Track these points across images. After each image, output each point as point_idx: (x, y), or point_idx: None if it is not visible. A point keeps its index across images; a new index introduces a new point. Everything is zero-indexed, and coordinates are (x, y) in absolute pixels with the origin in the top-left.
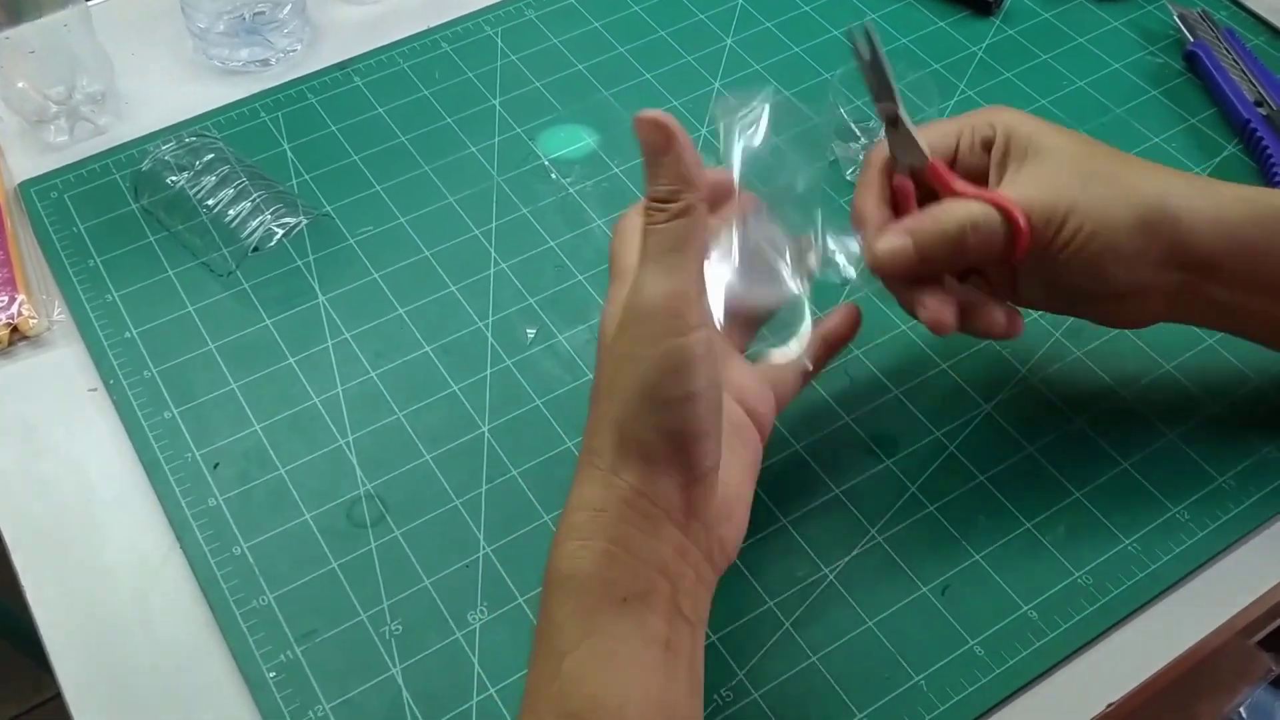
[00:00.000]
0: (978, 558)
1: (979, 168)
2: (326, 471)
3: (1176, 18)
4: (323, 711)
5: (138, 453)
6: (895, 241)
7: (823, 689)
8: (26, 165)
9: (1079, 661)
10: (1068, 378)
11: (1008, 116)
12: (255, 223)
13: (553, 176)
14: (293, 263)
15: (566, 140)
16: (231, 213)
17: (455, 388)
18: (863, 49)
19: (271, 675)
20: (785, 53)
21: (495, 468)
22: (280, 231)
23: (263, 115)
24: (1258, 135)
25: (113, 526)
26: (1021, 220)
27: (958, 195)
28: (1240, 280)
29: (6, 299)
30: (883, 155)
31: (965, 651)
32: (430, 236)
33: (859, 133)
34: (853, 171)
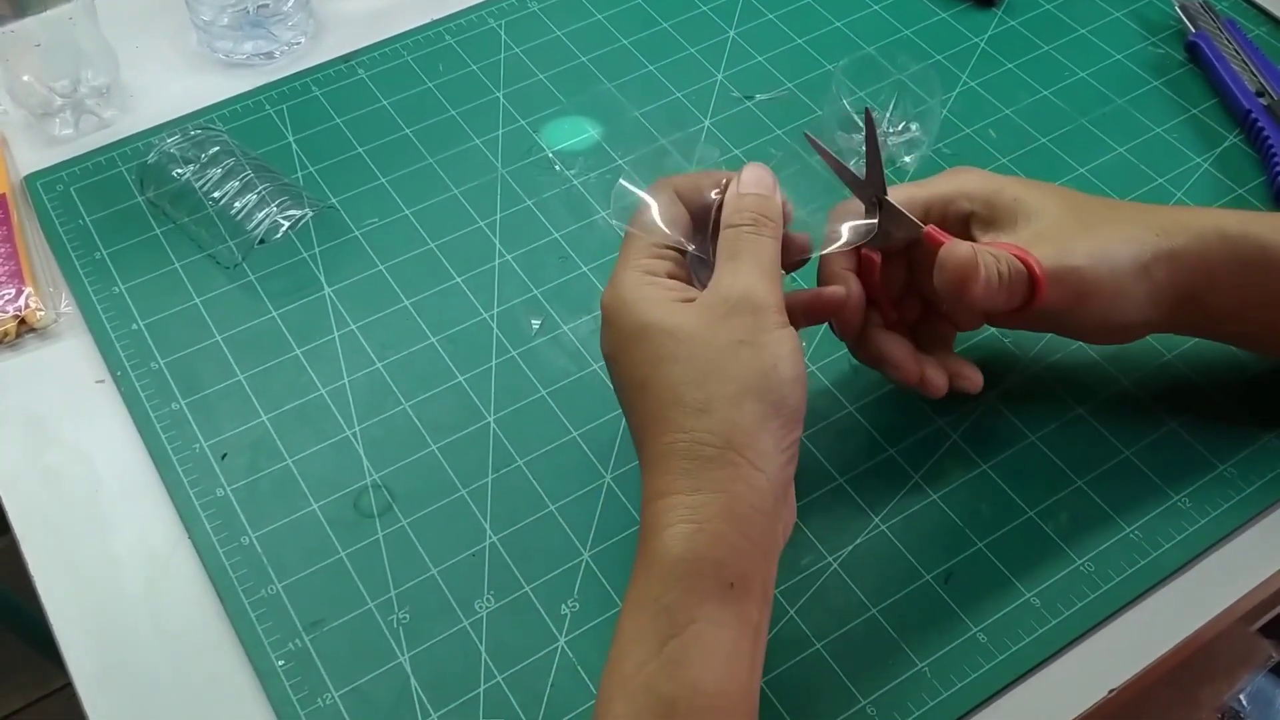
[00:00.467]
0: (980, 545)
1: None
2: (333, 462)
3: (1178, 8)
4: (331, 699)
5: (146, 444)
6: (970, 254)
7: (827, 676)
8: (32, 158)
9: (1081, 648)
10: (1070, 367)
11: (976, 182)
12: (261, 215)
13: (557, 168)
14: (299, 255)
15: (570, 132)
16: (237, 205)
17: (461, 378)
18: (833, 141)
19: (280, 664)
20: (788, 44)
21: (501, 457)
22: (286, 224)
23: (267, 108)
24: (1259, 125)
25: (121, 517)
26: (1039, 270)
27: None
28: (1226, 308)
29: (13, 292)
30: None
31: (968, 638)
32: (435, 228)
33: (861, 123)
34: (855, 162)
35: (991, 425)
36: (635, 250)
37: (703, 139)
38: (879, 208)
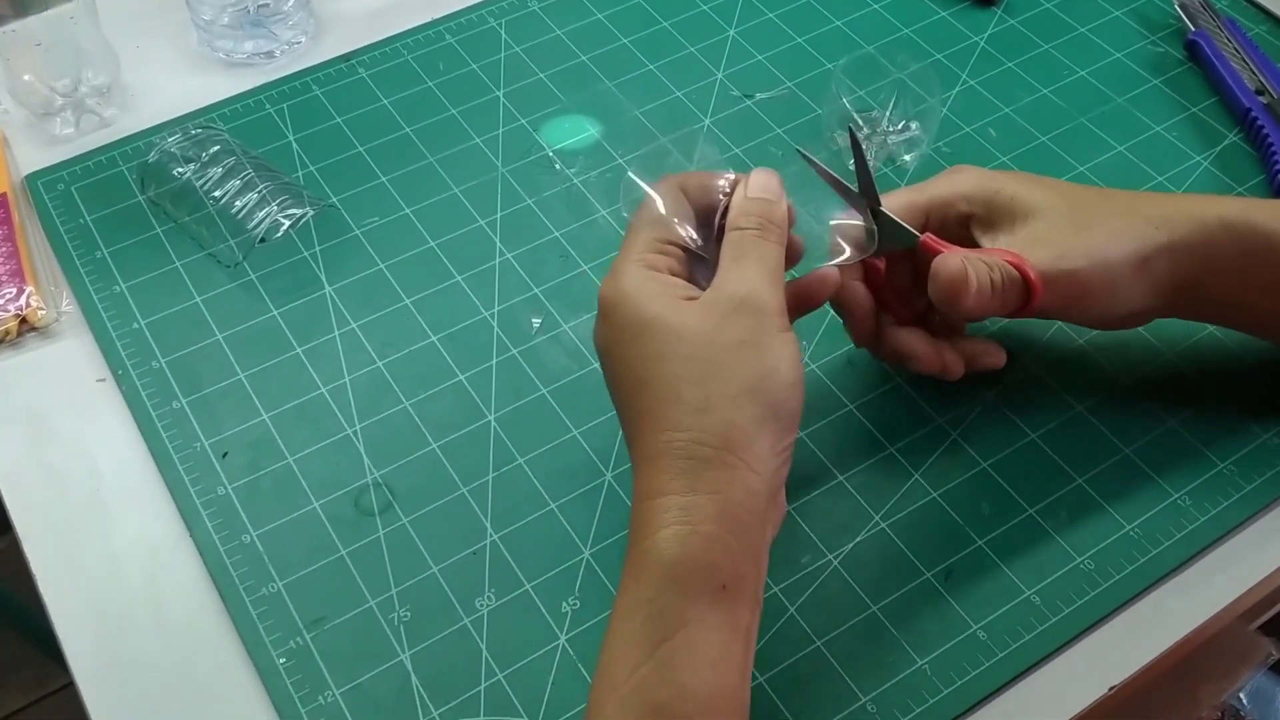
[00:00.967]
0: (980, 543)
1: (958, 242)
2: (334, 460)
3: (1177, 6)
4: (332, 697)
5: (146, 442)
6: (960, 267)
7: (828, 673)
8: (33, 158)
9: (1081, 645)
10: (1069, 365)
11: (974, 182)
12: (262, 214)
13: (557, 167)
14: (299, 253)
15: (570, 131)
16: (238, 204)
17: (461, 377)
18: (822, 155)
19: (281, 661)
20: (788, 43)
21: (502, 456)
22: (287, 222)
23: (268, 107)
24: (1259, 124)
25: (122, 516)
26: (1034, 275)
27: None
28: (1227, 294)
29: (15, 291)
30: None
31: (969, 636)
32: (435, 227)
33: (861, 122)
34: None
35: (991, 423)
36: (638, 244)
37: (703, 138)
38: (875, 218)
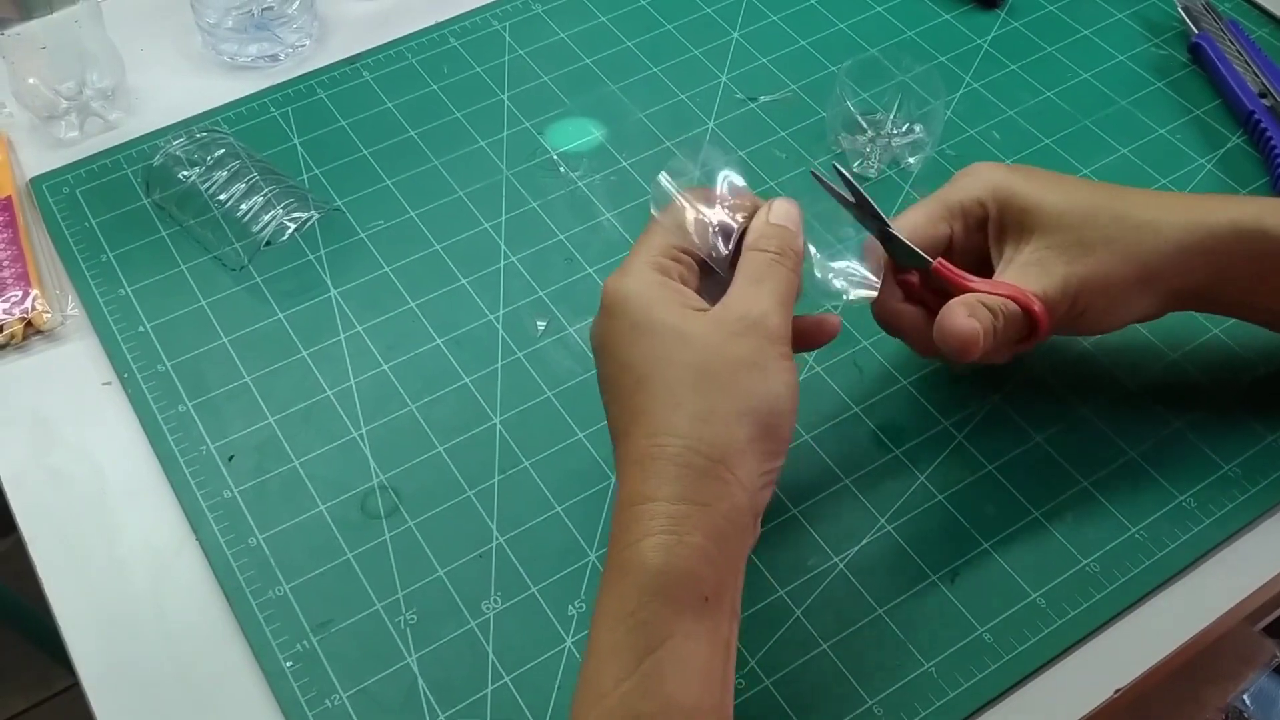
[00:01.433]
0: (986, 546)
1: (979, 249)
2: (340, 463)
3: (1180, 9)
4: (339, 700)
5: (152, 445)
6: (971, 325)
7: (834, 676)
8: (38, 161)
9: (1087, 648)
10: (1075, 368)
11: (991, 183)
12: (267, 217)
13: (561, 170)
14: (304, 257)
15: (575, 134)
16: (243, 207)
17: (467, 380)
18: (837, 185)
19: (288, 665)
20: (791, 46)
21: (507, 459)
22: (292, 226)
23: (272, 110)
24: (1262, 126)
25: (128, 519)
26: (1039, 310)
27: (971, 292)
28: (1233, 297)
29: (20, 294)
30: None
31: (974, 639)
32: (440, 230)
33: (865, 125)
34: (860, 164)
35: (996, 426)
36: (654, 246)
37: (707, 140)
38: (886, 241)
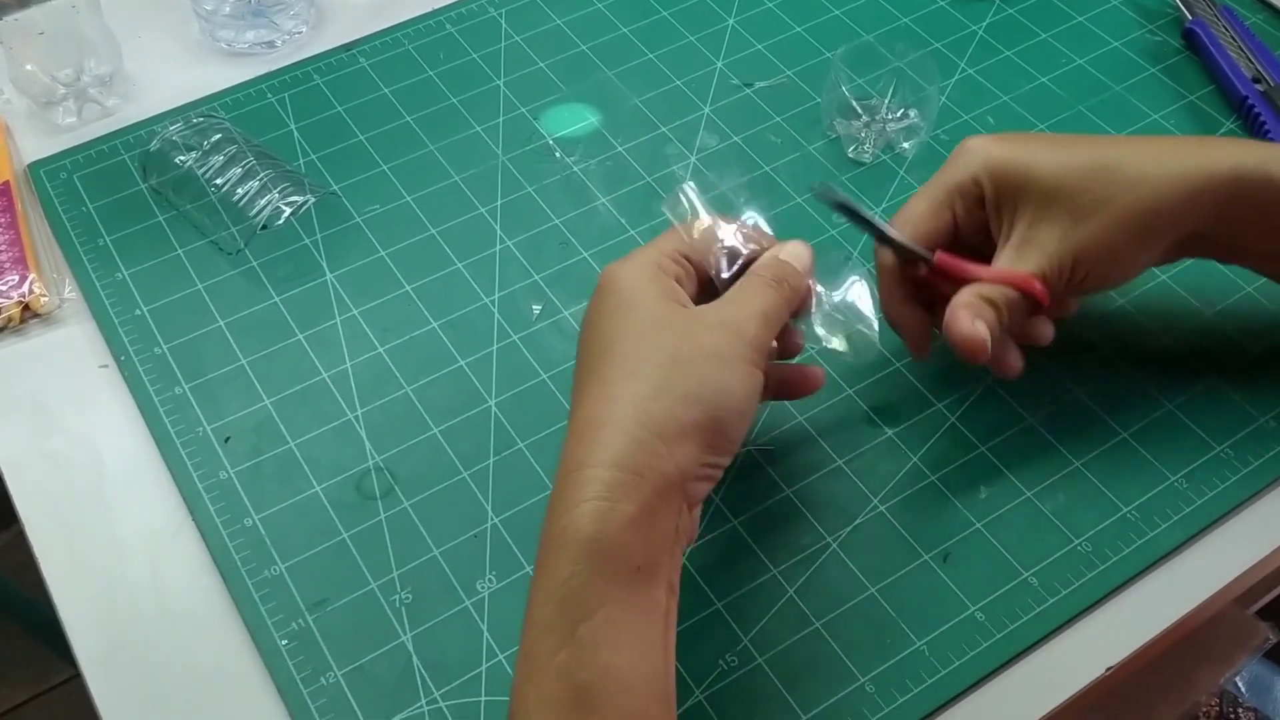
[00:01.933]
0: (979, 526)
1: (983, 225)
2: (336, 445)
3: None
4: (334, 678)
5: (149, 428)
6: (978, 331)
7: (826, 654)
8: (36, 147)
9: (1078, 627)
10: (1066, 349)
11: (985, 156)
12: (263, 201)
13: (557, 155)
14: (300, 241)
15: (570, 119)
16: (240, 191)
17: (462, 363)
18: (835, 200)
19: (284, 644)
20: (787, 32)
21: (502, 440)
22: (288, 210)
23: (269, 96)
24: (1255, 112)
25: (126, 500)
26: (1039, 289)
27: (975, 281)
28: (1233, 239)
29: (18, 278)
30: (891, 259)
31: (966, 617)
32: (436, 215)
33: (860, 111)
34: (855, 149)
35: (989, 407)
36: (664, 247)
37: (702, 126)
38: (886, 244)
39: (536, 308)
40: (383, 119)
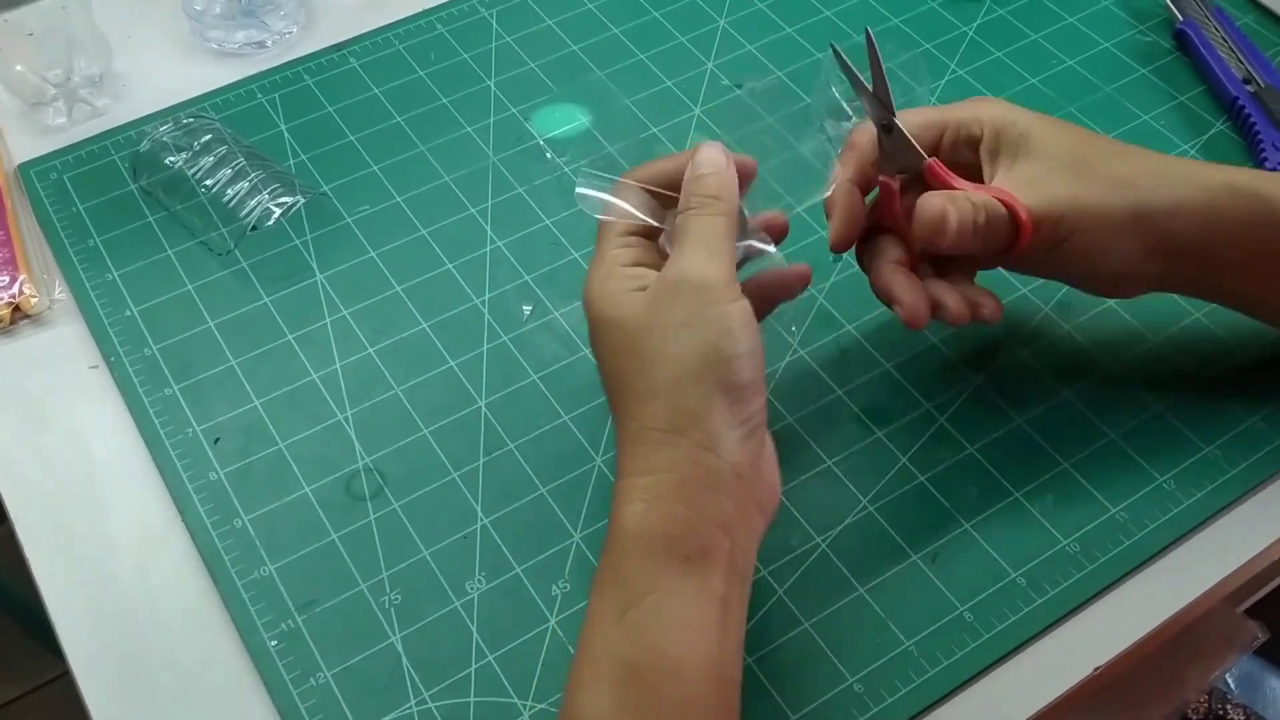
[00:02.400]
0: (967, 526)
1: (959, 165)
2: (325, 445)
3: None
4: (324, 679)
5: (139, 428)
6: (940, 209)
7: (815, 655)
8: (26, 147)
9: (1067, 626)
10: (1056, 351)
11: (994, 110)
12: (253, 202)
13: (548, 156)
14: (290, 241)
15: (561, 120)
16: (230, 192)
17: (452, 363)
18: (849, 62)
19: (273, 644)
20: (778, 33)
21: (492, 441)
22: (278, 210)
23: (259, 97)
24: (1246, 113)
25: (115, 501)
26: (1025, 215)
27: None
28: (1230, 265)
29: (8, 278)
30: (866, 143)
31: (955, 617)
32: (427, 215)
33: (850, 111)
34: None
35: (978, 408)
36: (605, 241)
37: (693, 127)
38: (888, 132)
39: (527, 308)
40: (373, 119)
